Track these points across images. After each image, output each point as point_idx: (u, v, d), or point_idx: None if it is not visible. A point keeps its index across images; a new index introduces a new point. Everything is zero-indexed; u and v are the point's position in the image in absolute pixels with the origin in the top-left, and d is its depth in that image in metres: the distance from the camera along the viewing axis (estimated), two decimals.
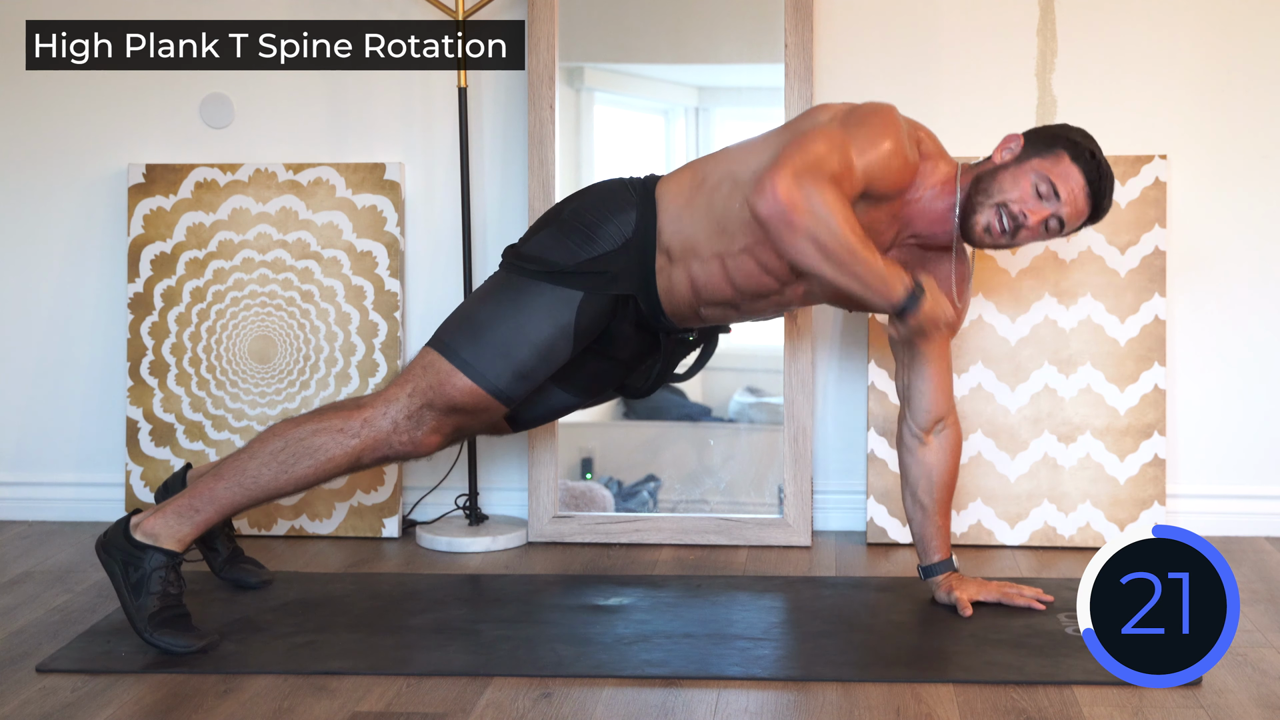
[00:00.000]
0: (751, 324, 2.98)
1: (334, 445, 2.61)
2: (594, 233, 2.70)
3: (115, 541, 2.56)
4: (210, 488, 2.59)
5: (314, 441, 2.60)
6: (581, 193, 2.82)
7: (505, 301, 2.69)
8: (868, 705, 2.29)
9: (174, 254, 3.42)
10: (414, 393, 2.65)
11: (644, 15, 3.41)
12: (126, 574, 2.53)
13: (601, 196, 2.77)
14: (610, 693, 2.35)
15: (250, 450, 2.62)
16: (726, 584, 2.96)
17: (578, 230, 2.71)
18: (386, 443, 2.64)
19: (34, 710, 2.29)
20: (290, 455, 2.60)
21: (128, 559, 2.53)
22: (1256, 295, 3.32)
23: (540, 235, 2.75)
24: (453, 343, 2.67)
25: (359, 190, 3.40)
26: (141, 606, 2.50)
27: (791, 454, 3.26)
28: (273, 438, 2.62)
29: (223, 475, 2.60)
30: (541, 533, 3.31)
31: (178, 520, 2.57)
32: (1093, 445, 3.22)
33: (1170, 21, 3.29)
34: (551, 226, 2.75)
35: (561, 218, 2.75)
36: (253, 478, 2.59)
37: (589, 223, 2.71)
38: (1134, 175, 3.24)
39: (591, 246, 2.69)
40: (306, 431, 2.61)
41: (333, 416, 2.64)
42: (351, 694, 2.35)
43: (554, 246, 2.71)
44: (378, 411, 2.64)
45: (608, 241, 2.69)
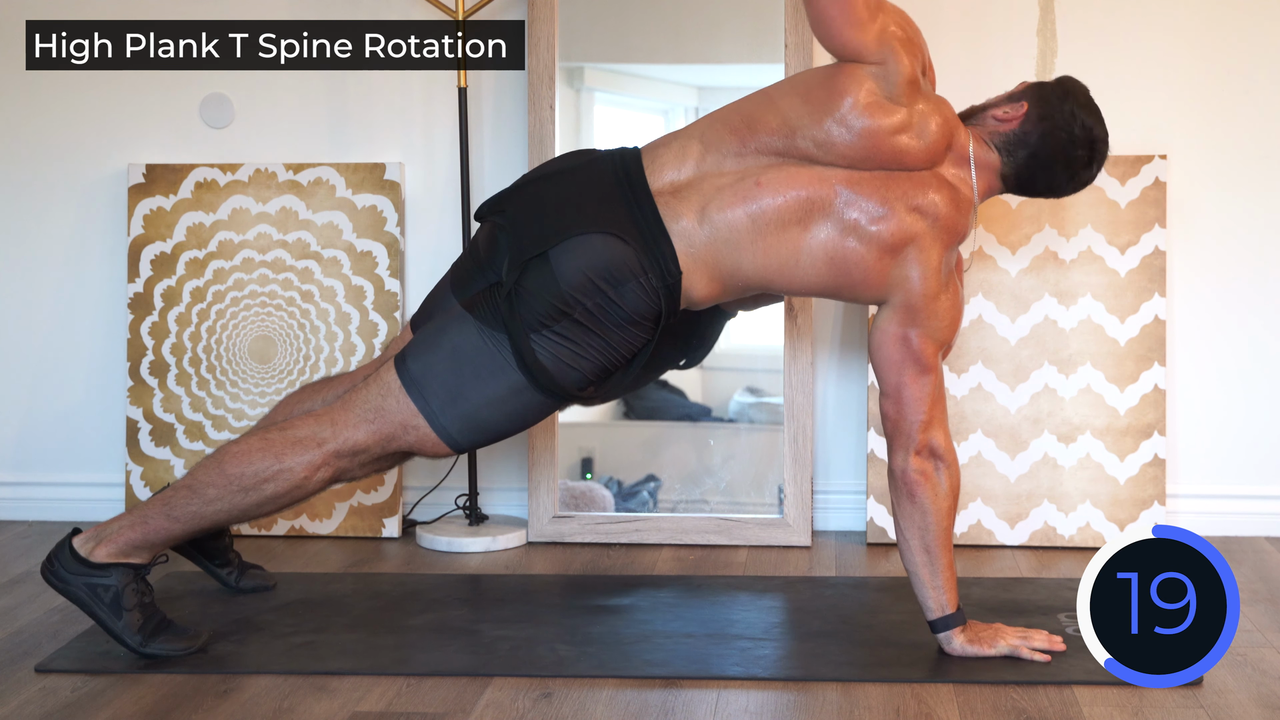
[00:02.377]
0: (750, 324, 2.95)
1: (295, 476, 2.49)
2: (610, 333, 2.46)
3: (69, 568, 2.47)
4: (166, 501, 2.51)
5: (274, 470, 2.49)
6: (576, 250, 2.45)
7: (501, 391, 2.48)
8: (868, 705, 2.29)
9: (174, 254, 3.42)
10: (377, 436, 2.51)
11: (644, 15, 3.41)
12: (97, 596, 2.47)
13: (612, 280, 2.44)
14: (610, 693, 2.35)
15: (195, 481, 2.51)
16: (726, 584, 2.96)
17: (591, 334, 2.45)
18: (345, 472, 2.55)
19: (34, 710, 2.29)
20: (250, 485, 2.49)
21: (92, 582, 2.47)
22: (1256, 295, 3.32)
23: (547, 336, 2.45)
24: (433, 399, 2.49)
25: (359, 190, 3.40)
26: (127, 624, 2.47)
27: (791, 454, 3.26)
28: (233, 461, 2.50)
29: (169, 501, 2.51)
30: (541, 533, 3.31)
31: (131, 531, 2.50)
32: (1093, 445, 3.22)
33: (1170, 21, 3.29)
34: (559, 325, 2.44)
35: (567, 303, 2.43)
36: (194, 511, 2.50)
37: (603, 319, 2.45)
38: (1134, 175, 3.24)
39: (609, 350, 2.47)
40: (267, 465, 2.48)
41: (293, 453, 2.49)
42: (351, 694, 2.35)
43: (564, 370, 2.46)
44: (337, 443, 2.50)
45: (631, 337, 2.48)
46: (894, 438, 2.52)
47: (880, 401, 2.54)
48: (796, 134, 2.47)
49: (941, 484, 2.50)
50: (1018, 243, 3.25)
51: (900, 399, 2.50)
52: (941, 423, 2.52)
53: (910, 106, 2.47)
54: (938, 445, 2.50)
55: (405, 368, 2.51)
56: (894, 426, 2.52)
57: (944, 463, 2.50)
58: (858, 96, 2.44)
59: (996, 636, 2.50)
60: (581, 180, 2.53)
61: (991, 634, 2.50)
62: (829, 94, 2.46)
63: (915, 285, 2.48)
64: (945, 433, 2.52)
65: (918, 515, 2.50)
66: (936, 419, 2.51)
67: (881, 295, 2.51)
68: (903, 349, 2.49)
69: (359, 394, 2.54)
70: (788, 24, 3.24)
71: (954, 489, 2.51)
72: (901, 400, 2.50)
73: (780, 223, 2.46)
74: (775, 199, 2.46)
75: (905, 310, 2.49)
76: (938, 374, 2.52)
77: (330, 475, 2.52)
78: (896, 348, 2.50)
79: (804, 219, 2.46)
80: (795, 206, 2.46)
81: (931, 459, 2.50)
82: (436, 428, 2.50)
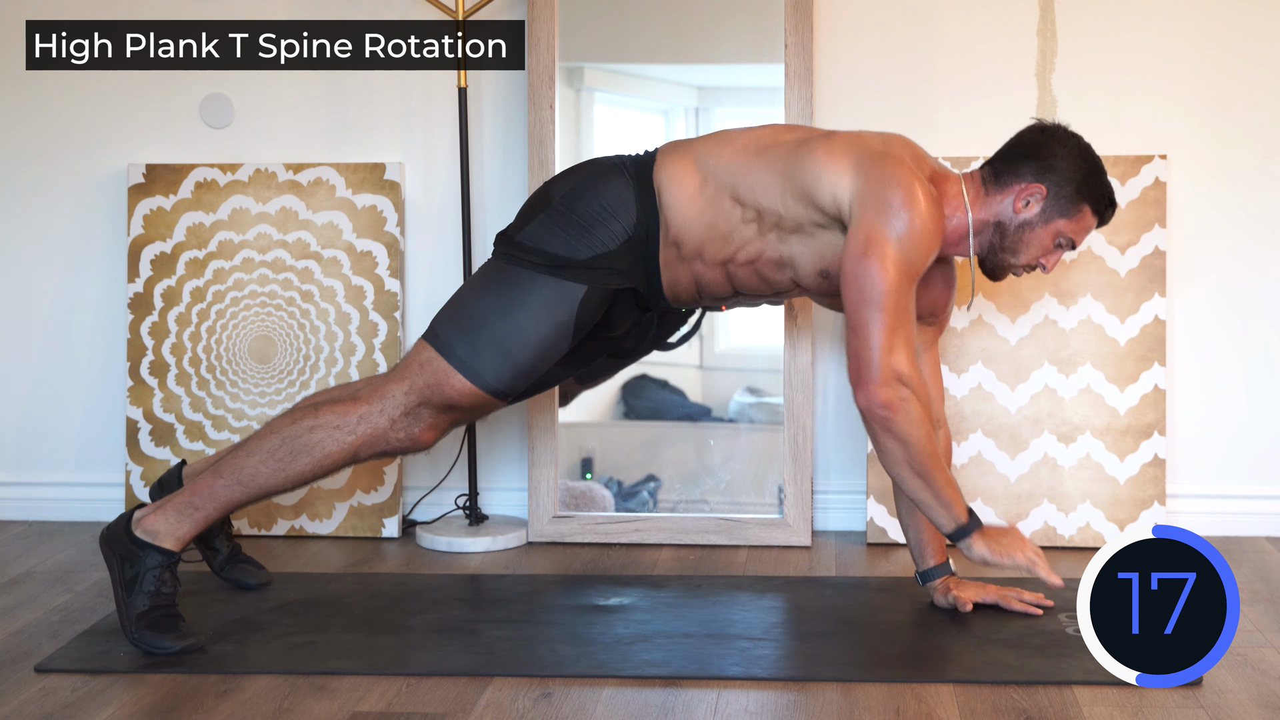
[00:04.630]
0: (750, 324, 2.98)
1: (330, 442, 2.61)
2: (592, 226, 2.65)
3: (117, 536, 2.57)
4: (209, 485, 2.59)
5: (311, 439, 2.60)
6: (571, 175, 2.75)
7: (502, 296, 2.65)
8: (868, 705, 2.29)
9: (174, 254, 3.42)
10: (410, 390, 2.64)
11: (644, 15, 3.41)
12: (123, 570, 2.54)
13: (595, 184, 2.69)
14: (610, 693, 2.35)
15: (248, 447, 2.63)
16: (726, 584, 2.96)
17: (573, 222, 2.65)
18: (384, 439, 2.64)
19: (34, 710, 2.29)
20: (288, 452, 2.60)
21: (126, 555, 2.55)
22: (1256, 295, 3.32)
23: (534, 224, 2.68)
24: (449, 340, 2.64)
25: (359, 190, 3.40)
26: (132, 605, 2.52)
27: (791, 454, 3.26)
28: (270, 435, 2.62)
29: (221, 473, 2.60)
30: (541, 533, 3.31)
31: (178, 518, 2.57)
32: (1093, 445, 3.22)
33: (1170, 21, 3.29)
34: (545, 215, 2.68)
35: (554, 205, 2.68)
36: (251, 475, 2.59)
37: (585, 214, 2.66)
38: (1134, 175, 3.24)
39: (590, 240, 2.64)
40: (303, 429, 2.61)
41: (328, 412, 2.63)
42: (351, 694, 2.35)
43: (552, 237, 2.65)
44: (374, 408, 2.63)
45: (608, 236, 2.65)
46: (859, 371, 2.50)
47: (845, 337, 2.54)
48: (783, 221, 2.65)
49: (913, 410, 2.49)
50: None
51: (859, 325, 2.49)
52: (906, 348, 2.50)
53: None
54: (902, 371, 2.48)
55: (429, 331, 2.69)
56: (856, 357, 2.50)
57: (910, 388, 2.49)
58: None
59: (1015, 547, 2.52)
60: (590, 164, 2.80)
61: (1011, 542, 2.53)
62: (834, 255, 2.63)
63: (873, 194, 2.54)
64: (910, 359, 2.50)
65: (899, 448, 2.50)
66: (899, 345, 2.49)
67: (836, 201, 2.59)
68: (860, 264, 2.49)
69: (390, 370, 2.78)
70: (788, 24, 3.24)
71: (926, 411, 2.52)
72: (862, 326, 2.49)
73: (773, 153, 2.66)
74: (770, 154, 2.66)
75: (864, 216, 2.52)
76: (901, 296, 2.49)
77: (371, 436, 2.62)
78: (854, 263, 2.50)
79: None
80: None
81: (897, 385, 2.48)
82: (456, 363, 2.62)
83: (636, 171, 2.70)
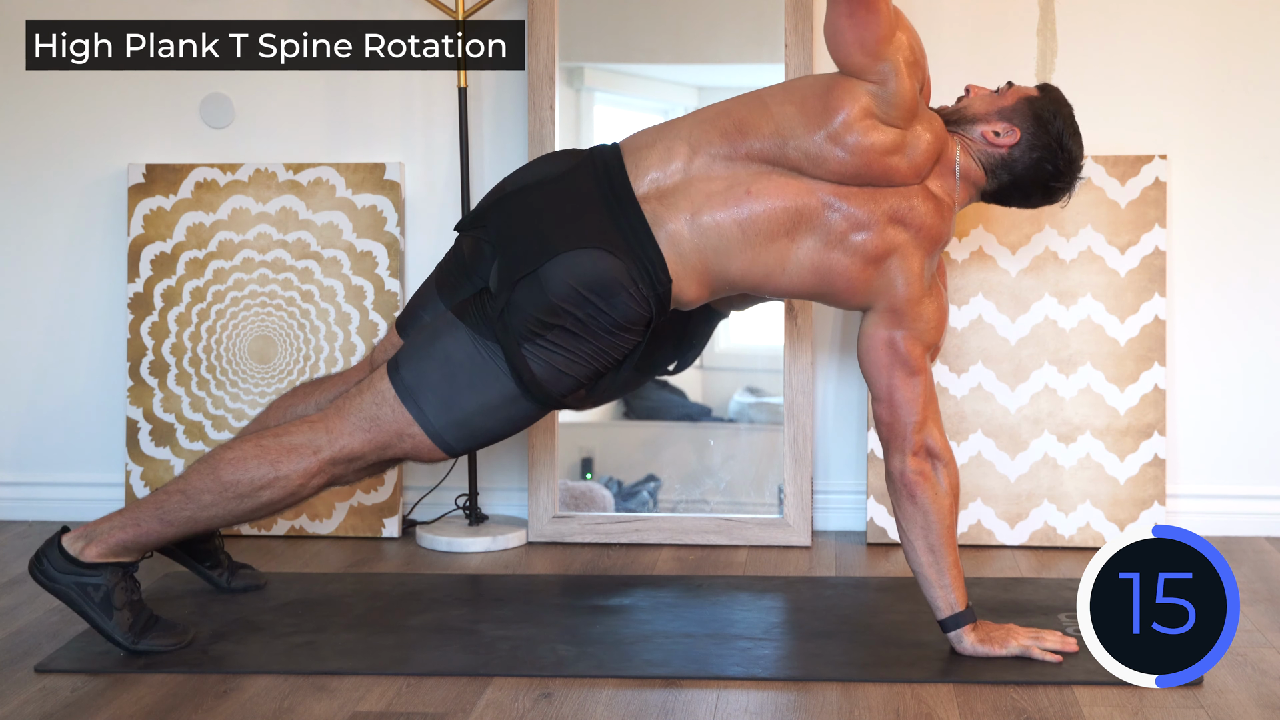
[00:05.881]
0: (750, 324, 2.95)
1: (290, 482, 2.50)
2: (601, 339, 2.46)
3: (58, 566, 2.50)
4: (158, 502, 2.52)
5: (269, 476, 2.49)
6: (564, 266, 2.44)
7: (489, 396, 2.49)
8: (868, 705, 2.29)
9: (174, 254, 3.42)
10: (372, 444, 2.51)
11: (644, 15, 3.41)
12: (87, 595, 2.49)
13: (596, 276, 2.43)
14: (610, 693, 2.35)
15: (189, 486, 2.52)
16: (726, 584, 2.96)
17: (583, 341, 2.46)
18: (340, 477, 2.56)
19: (34, 710, 2.29)
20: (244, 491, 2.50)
21: (82, 581, 2.49)
22: (1256, 295, 3.32)
23: (542, 343, 2.45)
24: (427, 407, 2.49)
25: (359, 190, 3.40)
26: (117, 623, 2.49)
27: (791, 454, 3.26)
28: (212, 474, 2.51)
29: (162, 505, 2.52)
30: (541, 533, 3.31)
31: (122, 533, 2.51)
32: (1093, 445, 3.22)
33: (1170, 21, 3.29)
34: (552, 336, 2.45)
35: (557, 314, 2.43)
36: (188, 516, 2.51)
37: (594, 327, 2.45)
38: (1134, 175, 3.24)
39: (601, 354, 2.48)
40: (263, 473, 2.49)
41: (289, 460, 2.50)
42: (351, 694, 2.35)
43: (558, 378, 2.47)
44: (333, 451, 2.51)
45: (622, 341, 2.49)
46: (890, 441, 2.54)
47: (874, 407, 2.56)
48: (788, 143, 2.48)
49: (941, 483, 2.52)
50: (1018, 243, 3.25)
51: (893, 402, 2.53)
52: (935, 422, 2.54)
53: (905, 129, 2.48)
54: (933, 445, 2.52)
55: (399, 376, 2.50)
56: (889, 430, 2.54)
57: (941, 461, 2.52)
58: (852, 113, 2.44)
59: (1009, 637, 2.49)
60: (564, 190, 2.51)
61: (1003, 634, 2.50)
62: (824, 107, 2.46)
63: (899, 292, 2.51)
64: (940, 431, 2.54)
65: (919, 516, 2.51)
66: (930, 419, 2.53)
67: (866, 302, 2.55)
68: (890, 353, 2.53)
69: (353, 401, 2.53)
70: (788, 24, 3.24)
71: (954, 487, 2.53)
72: (894, 403, 2.52)
73: (769, 233, 2.48)
74: (764, 208, 2.47)
75: (890, 315, 2.53)
76: (927, 375, 2.54)
77: (325, 481, 2.54)
78: (884, 352, 2.53)
79: (791, 230, 2.48)
80: (784, 217, 2.47)
81: (929, 459, 2.52)
82: (432, 434, 2.51)
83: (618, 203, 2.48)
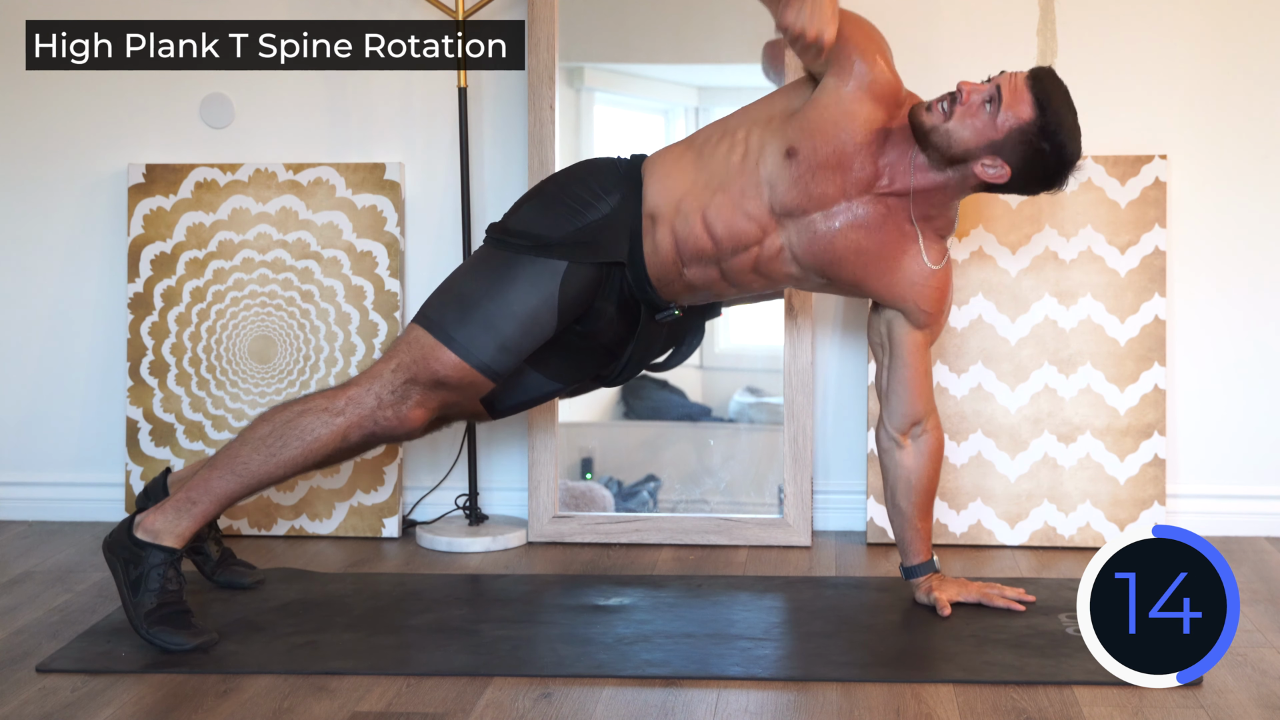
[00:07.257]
0: (750, 324, 2.97)
1: (320, 425, 2.63)
2: (580, 204, 2.72)
3: (119, 540, 2.59)
4: (205, 479, 2.62)
5: (300, 423, 2.63)
6: (566, 169, 2.85)
7: (490, 275, 2.70)
8: (868, 705, 2.29)
9: (174, 254, 3.42)
10: (398, 368, 2.67)
11: (644, 15, 3.41)
12: (126, 571, 2.56)
13: (587, 171, 2.80)
14: (610, 693, 2.35)
15: (240, 438, 2.66)
16: (726, 584, 2.96)
17: (562, 202, 2.73)
18: (371, 419, 2.65)
19: (34, 710, 2.29)
20: (278, 439, 2.62)
21: (129, 557, 2.56)
22: (1256, 295, 3.32)
23: (525, 210, 2.76)
24: (437, 318, 2.68)
25: (359, 190, 3.40)
26: (140, 603, 2.53)
27: (791, 454, 3.26)
28: (261, 424, 2.65)
29: (216, 466, 2.63)
30: (541, 533, 3.31)
31: (176, 515, 2.59)
32: (1093, 445, 3.22)
33: (1170, 21, 3.29)
34: (536, 200, 2.77)
35: (546, 191, 2.78)
36: (244, 464, 2.62)
37: (574, 195, 2.73)
38: (1134, 175, 3.24)
39: (577, 217, 2.71)
40: (293, 414, 2.64)
41: (318, 398, 2.68)
42: (351, 694, 2.35)
43: (538, 219, 2.72)
44: (362, 389, 2.66)
45: (593, 212, 2.71)
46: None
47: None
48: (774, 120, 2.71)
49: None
50: (1018, 243, 3.25)
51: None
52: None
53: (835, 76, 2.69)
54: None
55: (419, 312, 2.72)
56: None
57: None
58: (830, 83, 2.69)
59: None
60: None
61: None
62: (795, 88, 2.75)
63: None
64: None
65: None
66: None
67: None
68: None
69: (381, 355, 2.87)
70: None
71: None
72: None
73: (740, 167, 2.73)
74: None
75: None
76: None
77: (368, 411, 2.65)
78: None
79: None
80: None
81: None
82: (458, 350, 2.64)
83: (628, 162, 2.80)
